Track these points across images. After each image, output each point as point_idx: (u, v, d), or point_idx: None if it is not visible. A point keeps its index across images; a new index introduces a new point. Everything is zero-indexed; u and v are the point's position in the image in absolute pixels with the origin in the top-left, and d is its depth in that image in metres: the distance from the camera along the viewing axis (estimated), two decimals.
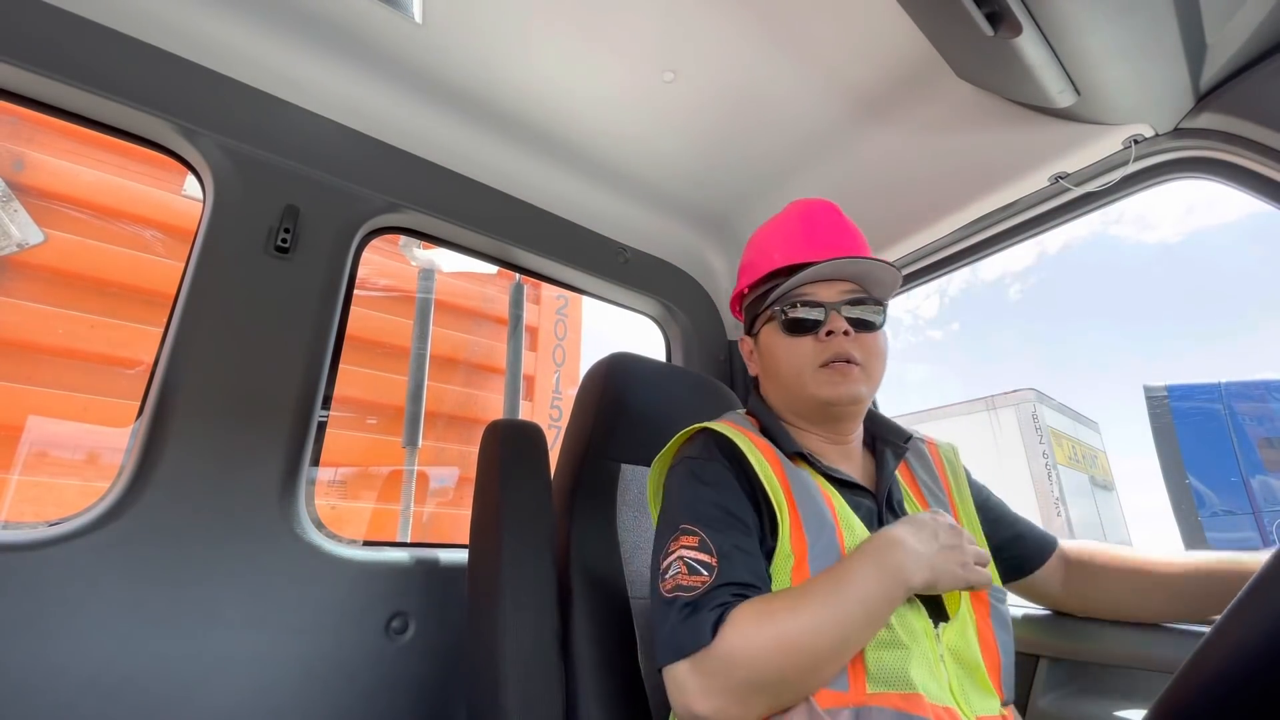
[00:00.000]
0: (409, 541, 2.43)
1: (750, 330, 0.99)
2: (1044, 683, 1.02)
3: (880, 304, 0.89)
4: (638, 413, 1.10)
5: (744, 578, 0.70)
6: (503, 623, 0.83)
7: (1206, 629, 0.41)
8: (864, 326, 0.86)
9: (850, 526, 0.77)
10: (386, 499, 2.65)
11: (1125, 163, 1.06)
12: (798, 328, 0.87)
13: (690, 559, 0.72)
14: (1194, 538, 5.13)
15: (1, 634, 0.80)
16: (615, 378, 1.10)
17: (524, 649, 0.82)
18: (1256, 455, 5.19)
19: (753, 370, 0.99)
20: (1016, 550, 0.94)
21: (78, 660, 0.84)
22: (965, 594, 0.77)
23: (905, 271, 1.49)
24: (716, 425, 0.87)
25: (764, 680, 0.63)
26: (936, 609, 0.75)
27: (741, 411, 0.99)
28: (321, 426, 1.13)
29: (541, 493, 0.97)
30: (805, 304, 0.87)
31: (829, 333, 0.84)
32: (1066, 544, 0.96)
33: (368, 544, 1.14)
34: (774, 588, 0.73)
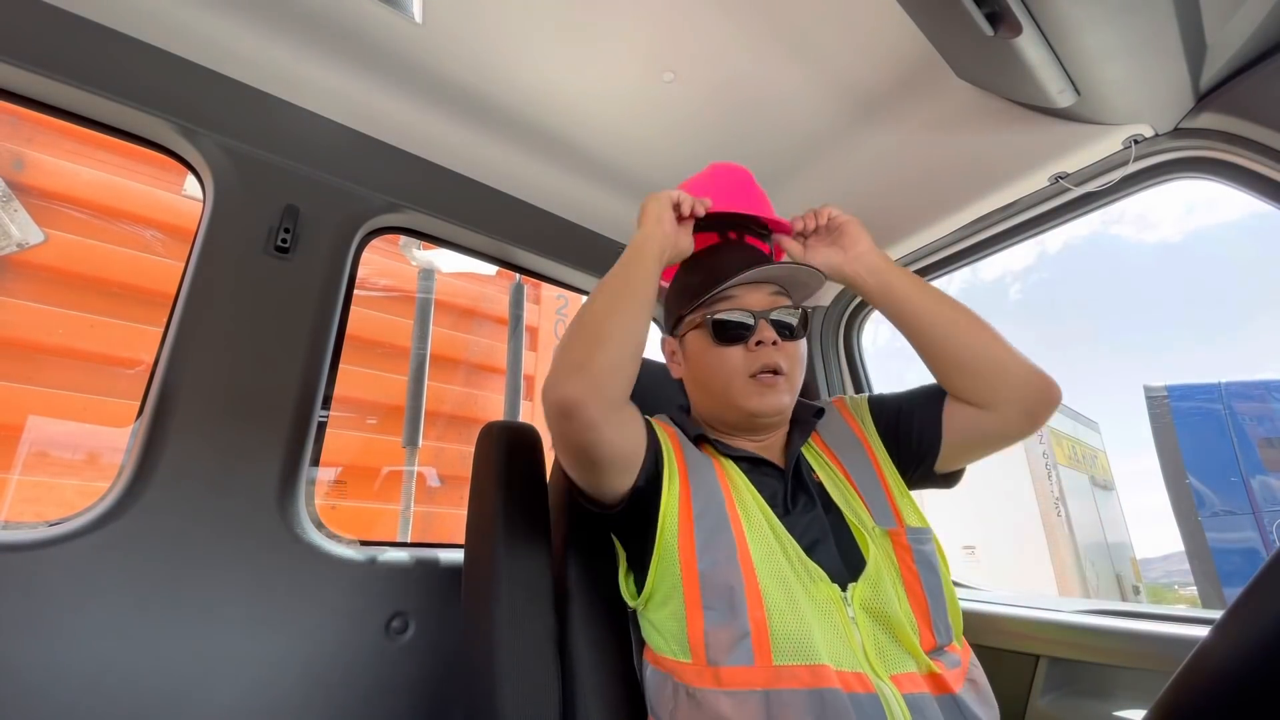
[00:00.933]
0: (409, 541, 2.43)
1: (673, 330, 0.97)
2: (1044, 683, 1.02)
3: (801, 310, 0.89)
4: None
5: None
6: (499, 624, 0.83)
7: (1206, 629, 0.41)
8: (789, 334, 0.87)
9: (744, 498, 0.79)
10: (386, 499, 2.65)
11: (1125, 163, 1.06)
12: (726, 336, 0.86)
13: None
14: (1194, 538, 5.13)
15: (1, 634, 0.80)
16: None
17: (520, 650, 0.81)
18: (1256, 455, 5.19)
19: (675, 373, 0.98)
20: (917, 410, 0.90)
21: (78, 660, 0.84)
22: (876, 544, 0.77)
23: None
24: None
25: (574, 358, 0.73)
26: (844, 570, 0.75)
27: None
28: (321, 426, 1.13)
29: (537, 494, 0.97)
30: (734, 310, 0.86)
31: (758, 342, 0.84)
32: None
33: (368, 544, 1.14)
34: (659, 574, 0.77)
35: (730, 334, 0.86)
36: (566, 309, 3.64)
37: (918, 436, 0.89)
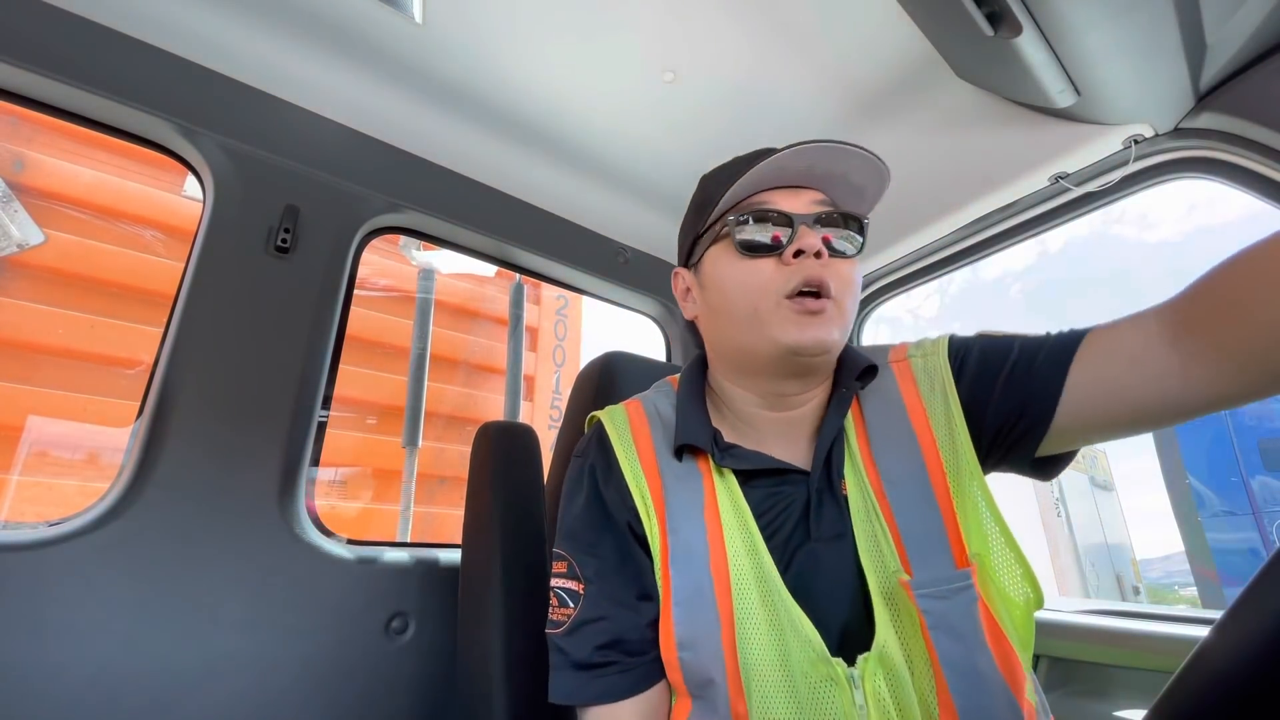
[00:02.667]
0: (409, 541, 2.43)
1: (688, 261, 0.76)
2: (1044, 683, 1.02)
3: (860, 222, 0.68)
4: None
5: (602, 611, 0.63)
6: (496, 624, 0.82)
7: (1206, 629, 0.41)
8: (843, 249, 0.66)
9: (734, 547, 0.62)
10: (386, 499, 2.65)
11: (1125, 163, 1.06)
12: (755, 245, 0.65)
13: (560, 588, 0.67)
14: (1194, 538, 5.13)
15: (1, 634, 0.80)
16: (609, 377, 1.09)
17: (517, 650, 0.81)
18: (1256, 455, 5.19)
19: (688, 313, 0.76)
20: (1040, 364, 0.62)
21: (78, 660, 0.84)
22: (889, 602, 0.58)
23: (906, 271, 1.49)
24: (607, 412, 0.75)
25: None
26: (861, 629, 0.59)
27: (669, 381, 0.81)
28: (321, 426, 1.13)
29: (534, 494, 0.97)
30: (765, 212, 0.65)
31: (798, 252, 0.63)
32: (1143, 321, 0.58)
33: (368, 544, 1.14)
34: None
35: (760, 243, 0.64)
36: (566, 309, 3.64)
37: (1035, 401, 0.61)
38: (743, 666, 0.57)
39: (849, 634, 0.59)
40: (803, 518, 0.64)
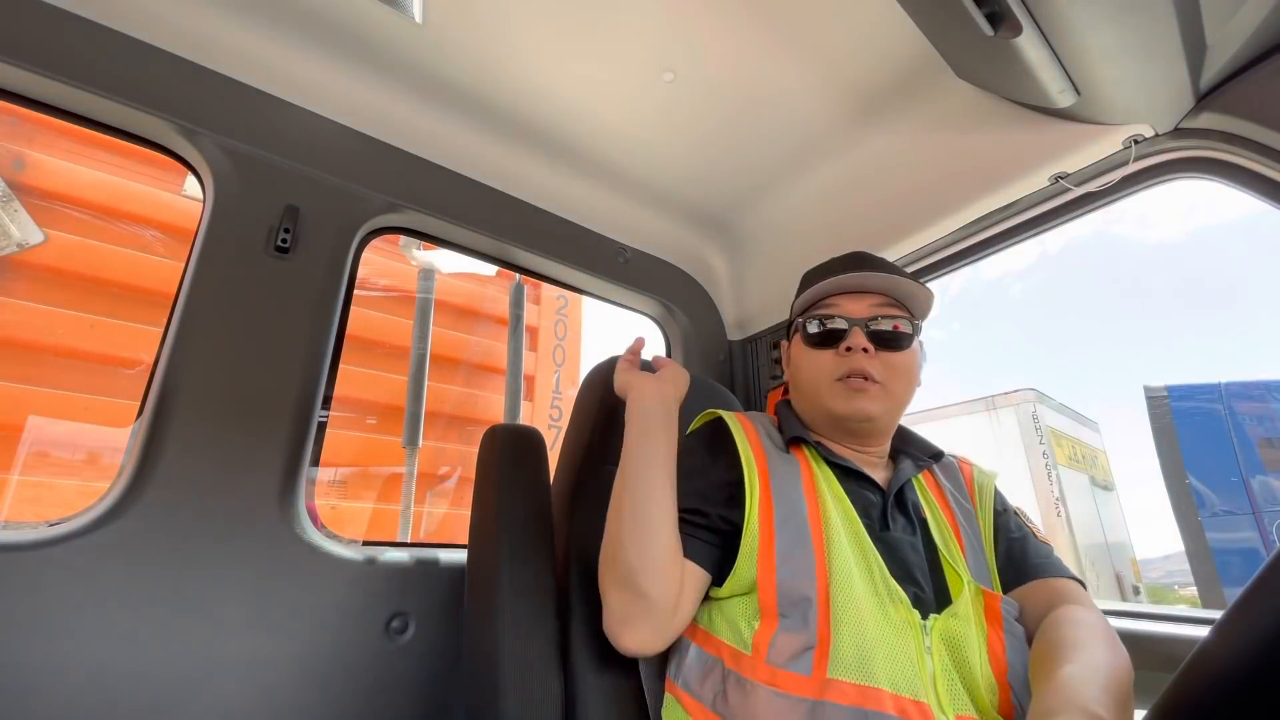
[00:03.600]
0: (409, 541, 2.43)
1: (788, 336, 1.02)
2: None
3: (911, 319, 0.88)
4: None
5: (689, 504, 0.81)
6: (503, 629, 0.82)
7: (1207, 629, 0.41)
8: (889, 344, 0.85)
9: (828, 509, 0.77)
10: (386, 499, 2.65)
11: (1125, 163, 1.06)
12: (818, 341, 0.89)
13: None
14: (1194, 538, 5.13)
15: (2, 634, 0.80)
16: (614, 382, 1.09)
17: (523, 654, 0.81)
18: (1256, 455, 5.19)
19: (786, 375, 1.02)
20: (1007, 565, 0.82)
21: (78, 660, 0.84)
22: (967, 590, 0.73)
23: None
24: (724, 413, 0.92)
25: (620, 608, 0.74)
26: (931, 600, 0.73)
27: (764, 413, 1.01)
28: (321, 426, 1.13)
29: (540, 497, 0.96)
30: (829, 318, 0.88)
31: (849, 348, 0.84)
32: (1061, 606, 0.75)
33: (368, 544, 1.14)
34: (738, 570, 0.76)
35: (822, 339, 0.88)
36: (566, 309, 3.64)
37: (1002, 568, 0.82)
38: (833, 592, 0.70)
39: (916, 597, 0.72)
40: (881, 514, 0.82)
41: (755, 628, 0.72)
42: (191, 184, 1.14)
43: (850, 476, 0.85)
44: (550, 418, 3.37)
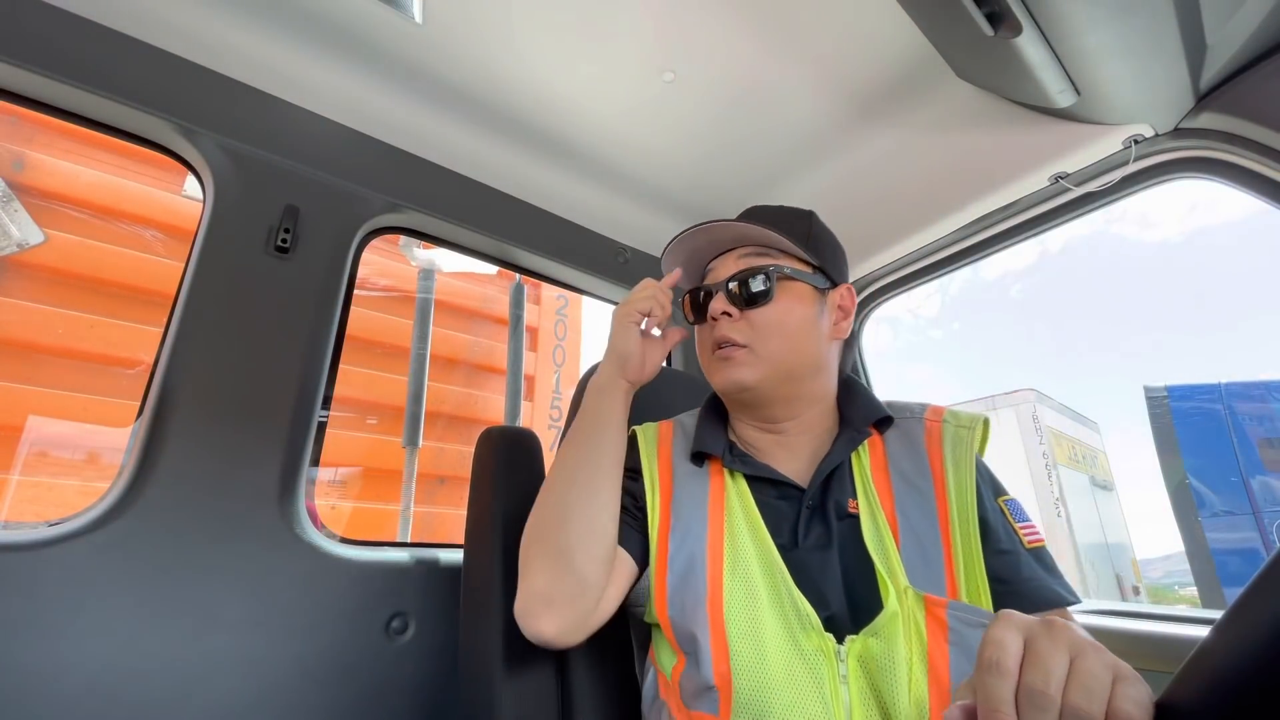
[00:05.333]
0: (409, 541, 2.43)
1: None
2: None
3: (780, 266, 0.77)
4: (632, 417, 1.10)
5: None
6: (497, 630, 0.82)
7: (1207, 629, 0.41)
8: (750, 301, 0.76)
9: (736, 530, 0.71)
10: (386, 499, 2.65)
11: (1125, 163, 1.06)
12: (695, 316, 0.83)
13: None
14: (1194, 538, 5.12)
15: (1, 634, 0.80)
16: None
17: (519, 656, 0.81)
18: (1256, 455, 5.19)
19: None
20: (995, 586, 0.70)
21: (78, 660, 0.84)
22: (895, 599, 0.62)
23: (906, 271, 1.49)
24: (644, 427, 0.89)
25: (540, 587, 0.69)
26: (847, 620, 0.64)
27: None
28: (321, 426, 1.13)
29: (535, 498, 0.97)
30: (696, 290, 0.83)
31: (714, 318, 0.77)
32: None
33: (368, 544, 1.14)
34: (650, 598, 0.73)
35: (695, 311, 0.83)
36: (566, 309, 3.64)
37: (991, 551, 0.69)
38: (730, 629, 0.63)
39: (831, 617, 0.65)
40: (793, 527, 0.73)
41: (673, 663, 0.69)
42: (191, 184, 1.14)
43: (766, 486, 0.76)
44: (550, 418, 3.37)
